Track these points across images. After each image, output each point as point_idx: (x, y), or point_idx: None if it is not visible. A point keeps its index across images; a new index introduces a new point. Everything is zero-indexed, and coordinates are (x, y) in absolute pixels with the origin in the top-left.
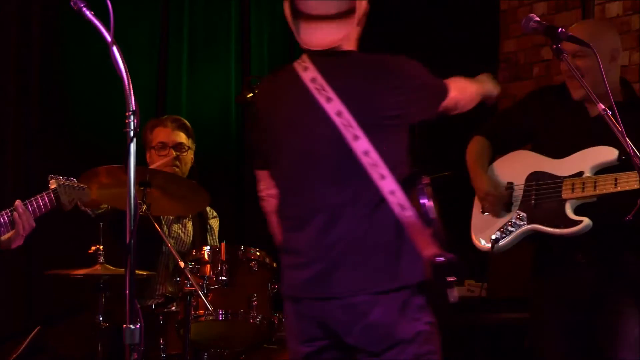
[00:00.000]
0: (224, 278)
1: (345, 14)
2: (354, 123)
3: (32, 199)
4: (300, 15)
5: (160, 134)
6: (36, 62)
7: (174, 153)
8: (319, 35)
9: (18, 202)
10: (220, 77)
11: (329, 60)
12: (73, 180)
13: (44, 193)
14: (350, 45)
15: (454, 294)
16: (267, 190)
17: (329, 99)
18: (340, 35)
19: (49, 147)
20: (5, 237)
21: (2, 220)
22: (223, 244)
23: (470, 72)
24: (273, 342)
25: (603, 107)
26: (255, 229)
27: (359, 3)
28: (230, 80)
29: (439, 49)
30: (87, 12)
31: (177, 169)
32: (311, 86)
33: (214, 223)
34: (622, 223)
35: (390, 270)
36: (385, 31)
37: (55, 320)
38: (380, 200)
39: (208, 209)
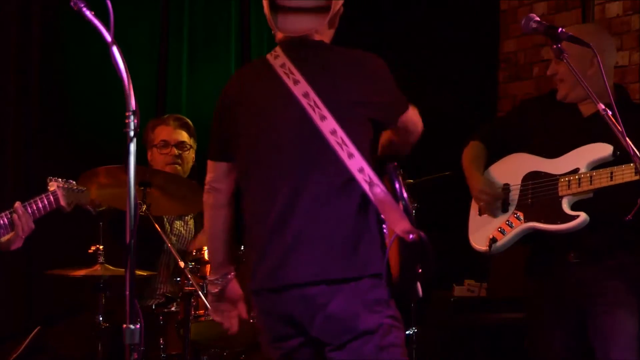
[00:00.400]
0: None
1: (320, 10)
2: (320, 104)
3: (32, 200)
4: (278, 8)
5: (163, 132)
6: (36, 62)
7: (176, 151)
8: (293, 23)
9: (18, 204)
10: (220, 77)
11: (299, 48)
12: (72, 182)
13: (43, 195)
14: (321, 38)
15: (419, 290)
16: (216, 183)
17: (296, 82)
18: (312, 25)
19: (49, 148)
20: (4, 238)
21: (1, 222)
22: None
23: (470, 72)
24: None
25: (603, 107)
26: None
27: (335, 3)
28: None
29: (439, 48)
30: (87, 12)
31: (178, 167)
32: (280, 71)
33: None
34: (620, 222)
35: (350, 258)
36: (385, 31)
37: (55, 320)
38: (348, 179)
39: None
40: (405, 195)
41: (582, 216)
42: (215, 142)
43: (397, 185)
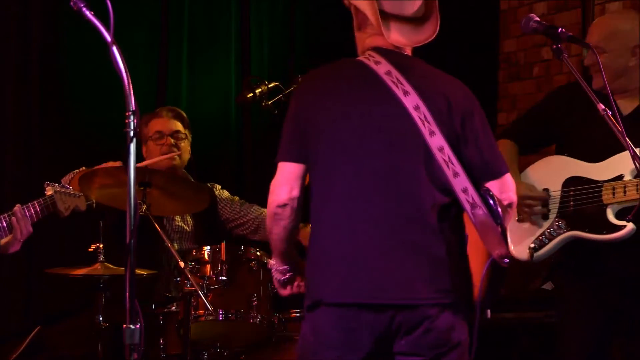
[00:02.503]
0: (224, 278)
1: (428, 19)
2: (430, 119)
3: (30, 204)
4: (389, 16)
5: (157, 124)
6: (36, 63)
7: (172, 141)
8: (414, 33)
9: (17, 207)
10: (220, 77)
11: (400, 58)
12: (69, 187)
13: (40, 199)
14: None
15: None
16: (293, 192)
17: (406, 93)
18: (431, 34)
19: (49, 149)
20: (3, 241)
21: (0, 224)
22: (223, 244)
23: (470, 72)
24: (273, 342)
25: (603, 107)
26: None
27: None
28: (230, 81)
29: (439, 48)
30: (87, 12)
31: (177, 155)
32: (386, 78)
33: (224, 193)
34: None
35: (454, 283)
36: None
37: (55, 319)
38: (451, 199)
39: (209, 184)
40: (502, 217)
41: (629, 226)
42: (290, 143)
43: (496, 209)
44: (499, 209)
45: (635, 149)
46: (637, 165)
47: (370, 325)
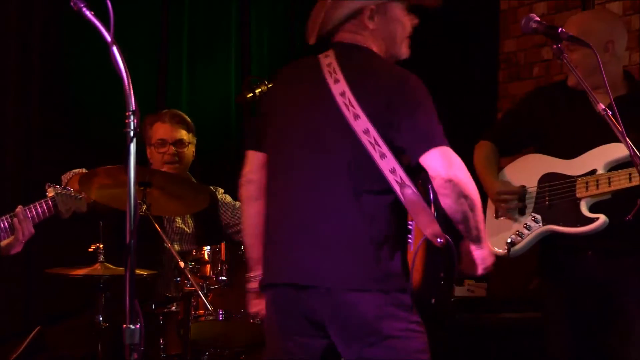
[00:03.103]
0: (224, 278)
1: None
2: (355, 103)
3: (31, 205)
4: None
5: (160, 130)
6: (37, 63)
7: (174, 150)
8: (331, 13)
9: (19, 208)
10: (220, 77)
11: (349, 51)
12: (70, 189)
13: (42, 201)
14: (372, 47)
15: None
16: (250, 174)
17: (336, 80)
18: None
19: (50, 150)
20: (4, 242)
21: (1, 225)
22: (223, 244)
23: (470, 72)
24: None
25: (603, 107)
26: None
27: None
28: (230, 80)
29: (439, 49)
30: (87, 13)
31: (177, 166)
32: (325, 69)
33: (227, 197)
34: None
35: (378, 267)
36: None
37: (55, 320)
38: (378, 179)
39: (212, 188)
40: (434, 200)
41: (602, 218)
42: (251, 131)
43: (430, 190)
44: (435, 193)
45: (635, 149)
46: (638, 165)
47: (298, 308)
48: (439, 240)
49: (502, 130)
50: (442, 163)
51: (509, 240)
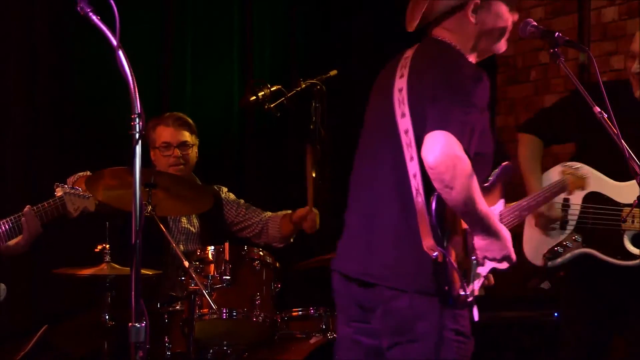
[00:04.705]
0: (228, 277)
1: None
2: (406, 100)
3: (40, 205)
4: None
5: (164, 134)
6: (42, 63)
7: (179, 152)
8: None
9: (28, 208)
10: (223, 81)
11: (427, 44)
12: (78, 188)
13: (50, 200)
14: (451, 40)
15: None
16: None
17: (402, 75)
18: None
19: (56, 151)
20: (13, 242)
21: (10, 225)
22: (227, 244)
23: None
24: (276, 341)
25: (599, 110)
26: None
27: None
28: (233, 84)
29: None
30: (94, 17)
31: (182, 168)
32: (401, 63)
33: (231, 195)
34: None
35: (417, 271)
36: (384, 34)
37: (61, 318)
38: (404, 180)
39: (216, 187)
40: (434, 212)
41: None
42: None
43: (432, 202)
44: (437, 205)
45: (631, 153)
46: (636, 168)
47: (350, 296)
48: (434, 254)
49: (547, 123)
50: (429, 147)
51: (547, 255)
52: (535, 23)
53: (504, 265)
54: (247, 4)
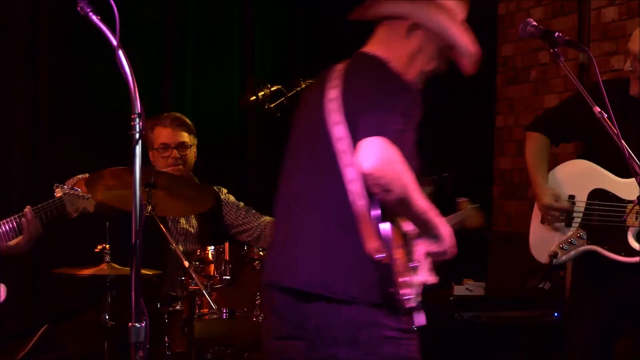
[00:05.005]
0: (228, 277)
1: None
2: (340, 109)
3: (39, 206)
4: None
5: (162, 135)
6: (44, 66)
7: (177, 154)
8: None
9: (28, 209)
10: (223, 81)
11: (360, 56)
12: (77, 189)
13: (50, 201)
14: (382, 54)
15: (421, 318)
16: None
17: (334, 87)
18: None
19: (57, 151)
20: (13, 242)
21: (10, 225)
22: (227, 244)
23: (468, 75)
24: None
25: (599, 109)
26: None
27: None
28: (234, 84)
29: None
30: (94, 17)
31: (181, 168)
32: (334, 74)
33: (230, 197)
34: None
35: (349, 279)
36: None
37: (62, 318)
38: (342, 188)
39: (216, 188)
40: (377, 216)
41: None
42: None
43: (372, 205)
44: (377, 208)
45: (631, 152)
46: (636, 168)
47: (285, 311)
48: (379, 255)
49: (554, 121)
50: (363, 153)
51: (552, 251)
52: (535, 23)
53: (433, 280)
54: (247, 4)
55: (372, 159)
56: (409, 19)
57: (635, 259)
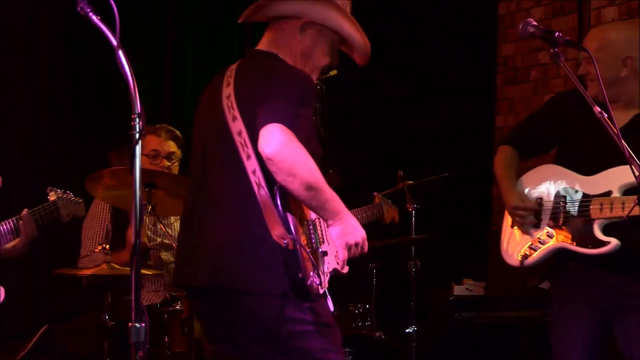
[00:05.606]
0: None
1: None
2: (235, 106)
3: (35, 209)
4: None
5: (153, 142)
6: (44, 67)
7: (166, 163)
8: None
9: (25, 212)
10: None
11: (253, 55)
12: (69, 193)
13: (45, 204)
14: (278, 51)
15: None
16: None
17: (228, 84)
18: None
19: (57, 153)
20: (10, 244)
21: (7, 227)
22: None
23: (468, 75)
24: None
25: (599, 110)
26: None
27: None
28: None
29: (438, 52)
30: (94, 17)
31: None
32: (227, 73)
33: None
34: None
35: (255, 271)
36: (384, 36)
37: (61, 318)
38: (242, 180)
39: None
40: (279, 203)
41: (613, 243)
42: None
43: (276, 192)
44: (279, 197)
45: (631, 152)
46: (636, 168)
47: (209, 311)
48: (284, 241)
49: (523, 134)
50: (264, 140)
51: (522, 253)
52: (535, 23)
53: (345, 269)
54: (247, 4)
55: (274, 144)
56: (302, 18)
57: (601, 250)
